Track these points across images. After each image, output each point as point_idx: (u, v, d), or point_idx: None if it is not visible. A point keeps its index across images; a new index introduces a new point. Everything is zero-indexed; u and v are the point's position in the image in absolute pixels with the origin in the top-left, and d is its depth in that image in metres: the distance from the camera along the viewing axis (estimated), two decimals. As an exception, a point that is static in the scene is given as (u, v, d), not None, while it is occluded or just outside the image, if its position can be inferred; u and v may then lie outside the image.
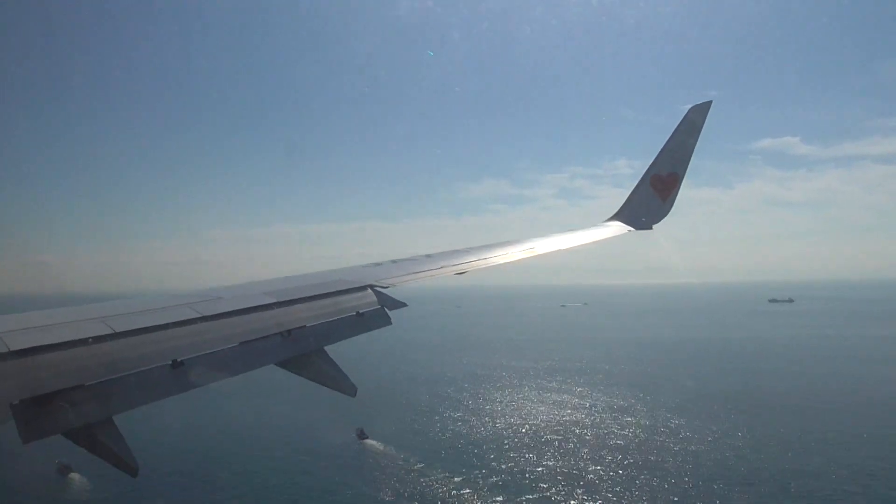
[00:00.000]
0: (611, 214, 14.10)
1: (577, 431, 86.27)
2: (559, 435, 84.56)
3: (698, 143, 13.21)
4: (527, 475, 68.09)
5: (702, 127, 13.15)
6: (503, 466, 71.44)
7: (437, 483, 66.06)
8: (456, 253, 9.57)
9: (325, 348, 5.79)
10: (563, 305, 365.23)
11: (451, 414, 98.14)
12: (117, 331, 4.67)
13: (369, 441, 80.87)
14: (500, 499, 61.72)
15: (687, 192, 13.27)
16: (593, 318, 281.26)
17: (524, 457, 74.58)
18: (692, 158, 13.36)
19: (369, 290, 6.98)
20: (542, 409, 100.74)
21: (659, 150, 13.50)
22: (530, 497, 62.22)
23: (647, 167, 13.69)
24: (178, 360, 4.67)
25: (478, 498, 62.15)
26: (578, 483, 65.99)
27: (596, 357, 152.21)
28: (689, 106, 13.53)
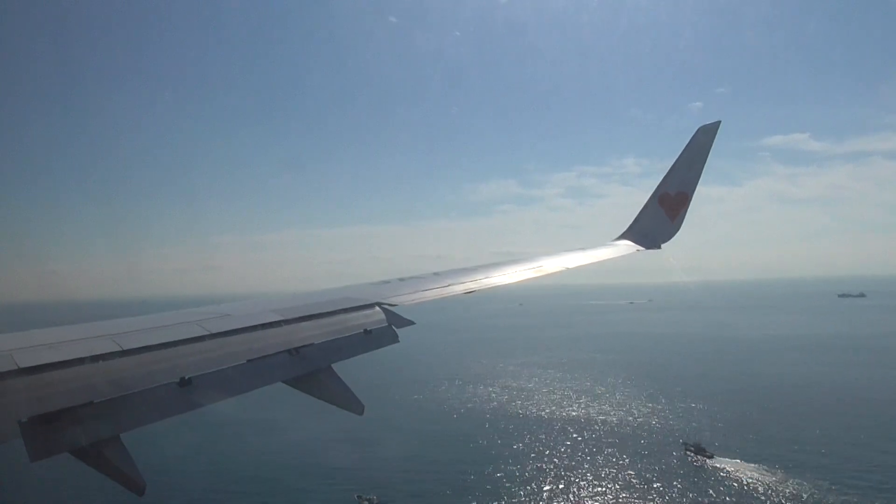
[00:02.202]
0: (618, 213, 14.16)
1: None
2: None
3: None
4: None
5: (710, 146, 13.20)
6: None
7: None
8: (464, 271, 9.57)
9: (333, 366, 5.77)
10: (631, 303, 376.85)
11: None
12: (125, 348, 4.67)
13: (714, 459, 72.25)
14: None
15: (696, 190, 13.32)
16: (670, 314, 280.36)
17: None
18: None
19: (377, 308, 6.96)
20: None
21: (664, 151, 13.56)
22: None
23: (656, 186, 13.74)
24: (186, 377, 4.67)
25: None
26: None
27: (740, 359, 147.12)
28: (698, 104, 13.76)
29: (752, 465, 71.57)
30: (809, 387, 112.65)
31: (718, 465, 71.25)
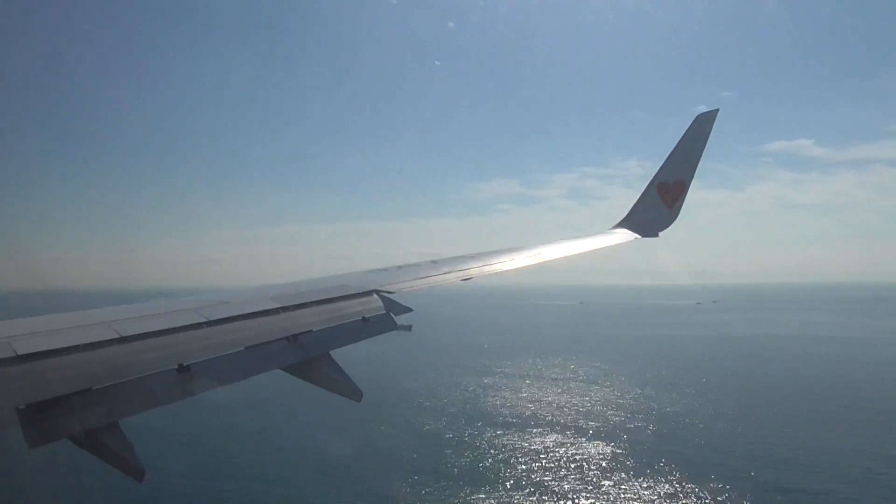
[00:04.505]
0: (620, 215, 14.18)
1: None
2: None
3: (710, 145, 13.24)
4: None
5: (709, 135, 13.19)
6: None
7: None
8: (461, 259, 9.54)
9: (331, 353, 5.78)
10: (699, 303, 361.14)
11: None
12: (123, 335, 4.66)
13: None
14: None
15: (697, 194, 13.28)
16: (751, 315, 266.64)
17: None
18: (703, 159, 13.40)
19: (375, 296, 6.96)
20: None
21: (667, 154, 13.57)
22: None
23: (654, 174, 13.74)
24: (185, 364, 4.67)
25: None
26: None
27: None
28: (701, 107, 13.63)
29: None
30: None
31: None
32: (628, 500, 60.37)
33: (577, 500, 60.88)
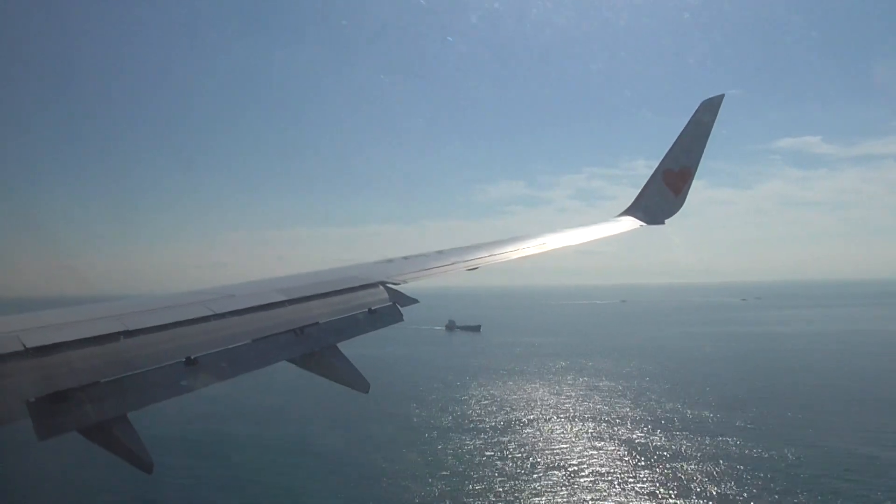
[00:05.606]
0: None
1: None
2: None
3: (717, 143, 13.11)
4: None
5: (714, 121, 13.03)
6: None
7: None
8: (468, 249, 9.49)
9: (338, 345, 5.79)
10: (744, 300, 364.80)
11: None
12: (132, 328, 4.69)
13: None
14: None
15: (704, 193, 13.00)
16: (802, 311, 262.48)
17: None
18: (710, 158, 13.32)
19: (381, 287, 6.96)
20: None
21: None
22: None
23: (660, 162, 13.64)
24: (192, 357, 4.69)
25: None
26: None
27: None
28: None
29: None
30: None
31: None
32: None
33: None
